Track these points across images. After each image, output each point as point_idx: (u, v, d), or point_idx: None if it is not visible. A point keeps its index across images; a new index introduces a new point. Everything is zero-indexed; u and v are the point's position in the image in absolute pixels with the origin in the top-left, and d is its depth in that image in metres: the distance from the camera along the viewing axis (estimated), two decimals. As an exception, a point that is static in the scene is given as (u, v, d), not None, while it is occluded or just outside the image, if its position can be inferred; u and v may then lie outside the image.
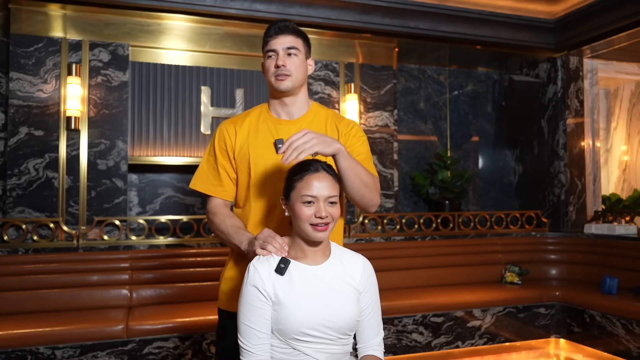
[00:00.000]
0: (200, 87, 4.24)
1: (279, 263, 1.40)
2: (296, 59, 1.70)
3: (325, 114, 1.79)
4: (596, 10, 4.45)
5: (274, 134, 1.71)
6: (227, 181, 1.75)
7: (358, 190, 1.58)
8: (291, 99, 1.74)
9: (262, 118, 1.76)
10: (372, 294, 1.50)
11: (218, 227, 1.70)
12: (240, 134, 1.73)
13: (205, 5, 3.92)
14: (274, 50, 1.69)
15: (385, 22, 4.39)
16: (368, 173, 1.63)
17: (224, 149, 1.74)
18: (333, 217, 1.40)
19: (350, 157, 1.53)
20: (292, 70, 1.68)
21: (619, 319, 3.51)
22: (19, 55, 3.75)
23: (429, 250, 4.35)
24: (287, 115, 1.76)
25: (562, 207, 4.99)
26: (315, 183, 1.39)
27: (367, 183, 1.60)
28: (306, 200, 1.38)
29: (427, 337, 3.67)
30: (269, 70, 1.71)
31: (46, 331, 2.91)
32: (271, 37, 1.70)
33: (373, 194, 1.64)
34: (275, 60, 1.69)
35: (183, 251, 3.74)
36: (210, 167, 1.77)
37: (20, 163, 3.72)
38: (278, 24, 1.71)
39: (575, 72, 5.05)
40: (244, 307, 1.39)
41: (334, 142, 1.48)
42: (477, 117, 5.64)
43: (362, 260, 1.52)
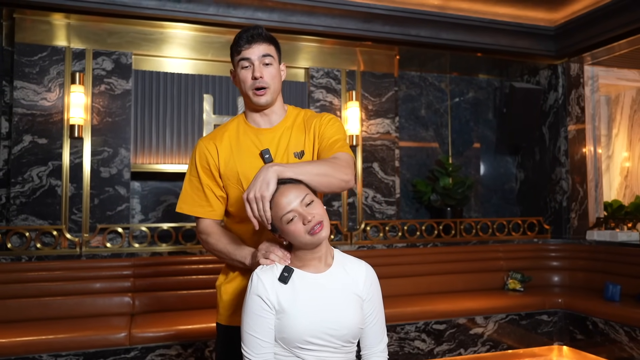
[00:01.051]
0: (202, 95, 4.27)
1: (282, 272, 1.41)
2: (272, 69, 1.66)
3: (303, 115, 1.76)
4: (596, 18, 4.47)
5: (257, 144, 1.68)
6: (215, 200, 1.70)
7: (319, 184, 1.47)
8: (270, 109, 1.71)
9: (241, 130, 1.72)
10: (376, 301, 1.50)
11: (215, 247, 1.68)
12: (223, 151, 1.68)
13: (207, 14, 3.95)
14: (248, 59, 1.63)
15: (386, 30, 4.41)
16: (319, 164, 1.52)
17: (206, 168, 1.69)
18: (320, 212, 1.39)
19: (290, 166, 1.44)
20: (269, 81, 1.64)
21: (621, 325, 3.51)
22: (23, 64, 3.78)
23: (430, 257, 4.35)
24: (266, 123, 1.72)
25: (564, 214, 4.99)
26: (283, 200, 1.37)
27: (324, 172, 1.49)
28: (288, 218, 1.37)
29: (429, 345, 3.66)
30: (245, 82, 1.65)
31: (49, 339, 2.92)
32: (244, 47, 1.63)
33: (337, 176, 1.51)
34: (252, 72, 1.63)
35: (185, 258, 3.75)
36: (194, 188, 1.71)
37: (24, 171, 3.74)
38: (250, 31, 1.65)
39: (576, 79, 5.07)
40: (248, 317, 1.40)
41: (267, 173, 1.39)
42: (479, 124, 5.66)
43: (365, 267, 1.52)
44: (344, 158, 1.57)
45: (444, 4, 4.42)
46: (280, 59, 1.73)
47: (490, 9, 4.54)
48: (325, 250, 1.45)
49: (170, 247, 3.79)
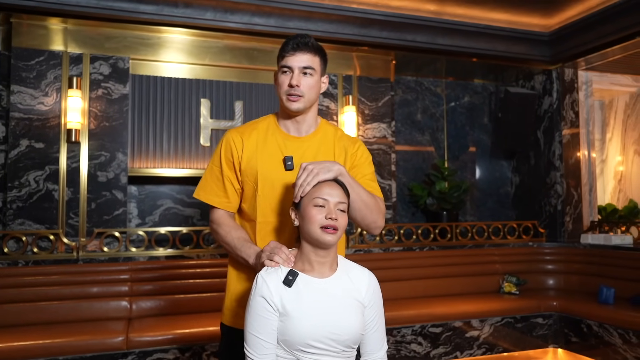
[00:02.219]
0: (199, 99, 4.28)
1: (287, 275, 1.42)
2: (311, 79, 1.66)
3: (333, 133, 1.78)
4: (590, 24, 4.52)
5: (283, 149, 1.70)
6: (232, 193, 1.73)
7: (359, 210, 1.59)
8: (301, 117, 1.72)
9: (270, 131, 1.73)
10: (377, 308, 1.52)
11: (224, 239, 1.70)
12: (248, 147, 1.70)
13: (205, 19, 3.98)
14: (289, 67, 1.65)
15: (382, 36, 4.45)
16: (370, 194, 1.63)
17: (230, 160, 1.71)
18: (341, 222, 1.43)
19: (350, 178, 1.55)
20: (305, 91, 1.65)
21: (616, 328, 3.54)
22: (20, 68, 3.79)
23: (427, 260, 4.37)
24: (296, 132, 1.73)
25: (559, 218, 5.03)
26: (327, 189, 1.45)
27: (368, 204, 1.61)
28: (318, 203, 1.42)
29: (425, 348, 3.68)
30: (281, 87, 1.66)
31: (46, 343, 2.91)
32: (288, 53, 1.65)
33: (375, 215, 1.65)
34: (290, 79, 1.64)
35: (182, 262, 3.76)
36: (215, 178, 1.74)
37: (20, 175, 3.74)
38: (297, 39, 1.66)
39: (570, 84, 5.11)
40: (251, 317, 1.41)
41: (333, 166, 1.50)
42: (474, 128, 5.69)
43: (368, 274, 1.54)
44: (383, 205, 1.71)
45: (440, 10, 4.46)
46: (324, 71, 1.73)
47: (486, 15, 4.58)
48: (332, 257, 1.48)
49: (167, 251, 3.79)
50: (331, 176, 1.48)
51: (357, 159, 1.76)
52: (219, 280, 3.67)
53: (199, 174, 4.21)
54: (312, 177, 1.46)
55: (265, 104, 4.46)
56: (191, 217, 4.48)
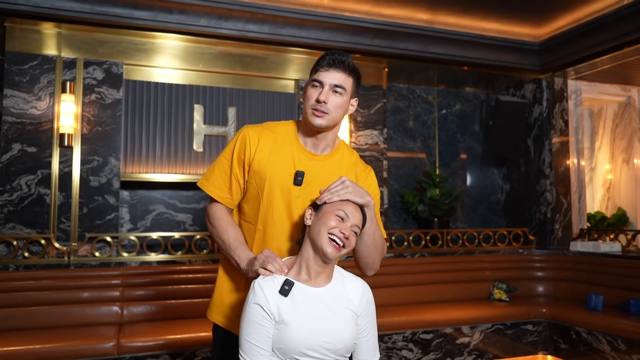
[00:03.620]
0: (193, 105, 4.29)
1: (283, 285, 1.44)
2: (339, 99, 1.62)
3: (349, 157, 1.76)
4: (580, 34, 4.59)
5: (296, 162, 1.67)
6: (236, 190, 1.71)
7: (367, 247, 1.62)
8: (322, 134, 1.69)
9: (288, 140, 1.70)
10: (370, 317, 1.55)
11: (219, 235, 1.68)
12: (262, 149, 1.66)
13: (199, 26, 4.00)
14: (320, 82, 1.61)
15: (375, 43, 4.49)
16: (381, 237, 1.67)
17: (241, 158, 1.68)
18: (349, 243, 1.46)
19: (373, 214, 1.58)
20: (331, 109, 1.61)
21: (604, 335, 3.57)
22: (13, 72, 3.78)
23: (418, 267, 4.40)
24: (313, 148, 1.70)
25: (549, 225, 5.08)
26: (351, 208, 1.49)
27: (377, 244, 1.64)
28: (339, 214, 1.46)
29: (416, 354, 3.70)
30: (308, 100, 1.63)
31: (36, 348, 2.90)
32: (322, 68, 1.62)
33: (377, 257, 1.67)
34: (318, 93, 1.61)
35: (174, 268, 3.76)
36: (222, 172, 1.71)
37: (12, 179, 3.73)
38: (335, 56, 1.62)
39: (560, 93, 5.18)
40: (248, 324, 1.42)
41: (366, 196, 1.53)
42: (465, 135, 5.74)
43: (362, 284, 1.56)
44: (384, 250, 1.73)
45: (432, 19, 4.51)
46: (356, 93, 1.70)
47: (477, 24, 4.64)
48: (330, 269, 1.52)
49: (159, 256, 3.79)
50: (361, 202, 1.52)
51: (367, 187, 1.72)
52: (211, 285, 3.63)
53: (191, 179, 4.21)
54: (345, 192, 1.50)
55: (259, 110, 4.48)
56: (183, 222, 4.48)
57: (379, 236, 1.64)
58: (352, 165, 1.76)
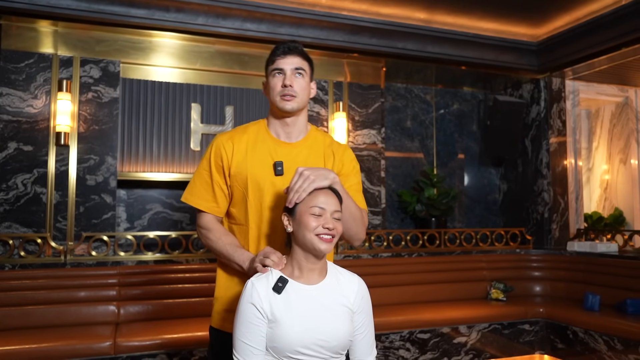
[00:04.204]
0: (190, 104, 4.28)
1: (276, 282, 1.43)
2: (302, 81, 1.70)
3: (323, 139, 1.80)
4: (577, 34, 4.59)
5: (273, 155, 1.70)
6: (221, 198, 1.73)
7: (346, 221, 1.58)
8: (293, 119, 1.74)
9: (260, 137, 1.74)
10: (366, 314, 1.53)
11: (214, 245, 1.69)
12: (238, 152, 1.70)
13: (196, 24, 3.98)
14: (281, 70, 1.68)
15: (373, 43, 4.48)
16: (357, 207, 1.66)
17: (219, 165, 1.71)
18: (337, 231, 1.44)
19: (342, 188, 1.55)
20: (298, 91, 1.68)
21: (601, 335, 3.58)
22: (9, 70, 3.77)
23: (415, 267, 4.40)
24: (286, 137, 1.75)
25: (546, 225, 5.08)
26: (323, 197, 1.45)
27: (355, 216, 1.64)
28: (315, 212, 1.42)
29: (413, 354, 3.70)
30: (274, 89, 1.69)
31: (32, 348, 2.89)
32: (279, 56, 1.69)
33: (359, 228, 1.67)
34: (283, 80, 1.68)
35: (171, 267, 3.75)
36: (204, 182, 1.74)
37: (8, 178, 3.71)
38: (287, 44, 1.71)
39: (558, 93, 5.18)
40: (241, 324, 1.41)
41: (329, 174, 1.50)
42: (463, 135, 5.74)
43: (358, 280, 1.55)
44: (367, 218, 1.74)
45: (430, 18, 4.50)
46: (312, 77, 1.77)
47: (475, 24, 4.64)
48: (322, 264, 1.49)
49: (156, 255, 3.78)
50: (327, 184, 1.48)
51: (345, 167, 1.77)
52: (208, 285, 3.66)
53: (189, 178, 4.19)
54: (309, 183, 1.45)
55: (256, 109, 4.47)
56: (180, 221, 4.46)
57: (354, 208, 1.64)
58: (328, 145, 1.79)
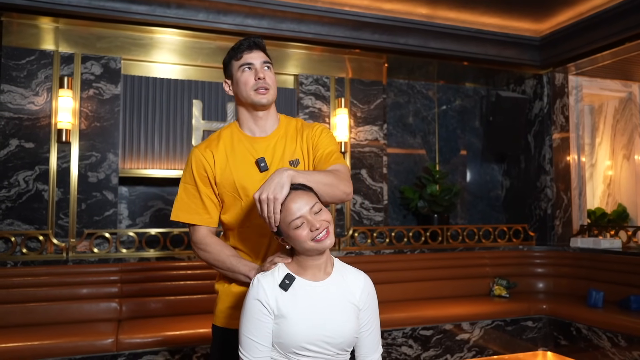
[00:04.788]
0: (192, 100, 4.27)
1: (283, 279, 1.42)
2: (271, 74, 1.73)
3: (295, 124, 1.80)
4: (580, 29, 4.56)
5: (253, 152, 1.70)
6: (212, 208, 1.71)
7: (324, 193, 1.51)
8: (265, 113, 1.74)
9: (236, 138, 1.73)
10: (372, 311, 1.52)
11: (216, 258, 1.67)
12: (219, 159, 1.69)
13: (197, 20, 3.97)
14: (251, 64, 1.69)
15: (374, 38, 4.46)
16: (326, 174, 1.56)
17: (204, 176, 1.69)
18: (327, 221, 1.42)
19: (302, 173, 1.48)
20: (270, 83, 1.70)
21: (604, 331, 3.57)
22: (10, 67, 3.76)
23: (418, 263, 4.39)
24: (261, 132, 1.74)
25: (549, 221, 5.06)
26: (294, 205, 1.39)
27: (330, 183, 1.54)
28: (296, 224, 1.39)
29: (416, 351, 3.69)
30: (246, 84, 1.68)
31: (34, 345, 2.88)
32: (245, 52, 1.70)
33: (340, 187, 1.56)
34: (255, 74, 1.69)
35: (173, 264, 3.74)
36: (191, 196, 1.70)
37: (10, 175, 3.70)
38: (252, 40, 1.72)
39: (561, 89, 5.16)
40: (247, 320, 1.41)
41: (282, 177, 1.41)
42: (465, 131, 5.72)
43: (364, 277, 1.54)
44: (344, 171, 1.64)
45: (432, 14, 4.48)
46: None
47: (477, 19, 4.62)
48: (325, 258, 1.47)
49: (158, 252, 3.77)
50: (287, 189, 1.41)
51: (316, 138, 1.74)
52: (210, 282, 3.66)
53: (190, 175, 4.19)
54: (273, 204, 1.39)
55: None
56: (182, 218, 4.45)
57: (325, 177, 1.53)
58: (300, 129, 1.79)
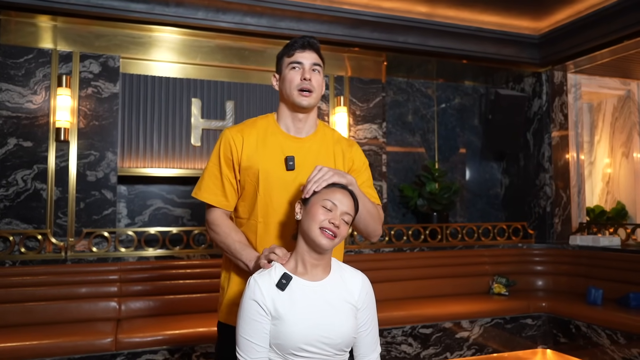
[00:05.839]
0: (190, 99, 4.26)
1: (280, 278, 1.41)
2: (319, 77, 1.69)
3: (331, 135, 1.79)
4: (579, 27, 4.56)
5: (284, 149, 1.68)
6: (231, 192, 1.71)
7: (364, 219, 1.63)
8: (305, 116, 1.72)
9: (270, 131, 1.71)
10: (370, 311, 1.52)
11: (223, 241, 1.67)
12: (248, 145, 1.68)
13: (196, 19, 3.95)
14: (300, 63, 1.66)
15: (374, 37, 4.45)
16: (372, 204, 1.68)
17: (229, 159, 1.69)
18: (341, 232, 1.43)
19: (358, 190, 1.56)
20: (315, 86, 1.67)
21: (604, 329, 3.57)
22: (8, 66, 3.74)
23: (417, 261, 4.38)
24: (296, 132, 1.73)
25: (548, 219, 5.06)
26: (339, 195, 1.44)
27: (372, 214, 1.66)
28: (326, 205, 1.42)
29: (416, 349, 3.69)
30: (291, 82, 1.66)
31: (33, 344, 2.88)
32: (298, 50, 1.67)
33: (377, 224, 1.69)
34: (302, 73, 1.66)
35: (172, 263, 3.73)
36: (213, 177, 1.71)
37: (8, 174, 3.69)
38: (307, 39, 1.70)
39: (560, 87, 5.16)
40: (243, 321, 1.40)
41: (347, 175, 1.52)
42: (464, 129, 5.72)
43: (362, 277, 1.53)
44: (382, 213, 1.76)
45: (431, 12, 4.47)
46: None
47: (476, 17, 4.61)
48: (327, 261, 1.48)
49: (157, 251, 3.76)
50: (344, 182, 1.49)
51: (356, 164, 1.77)
52: (209, 280, 3.66)
53: (189, 174, 4.19)
54: (329, 176, 1.47)
55: (257, 104, 4.45)
56: (181, 217, 4.45)
57: (370, 206, 1.66)
58: (337, 141, 1.78)
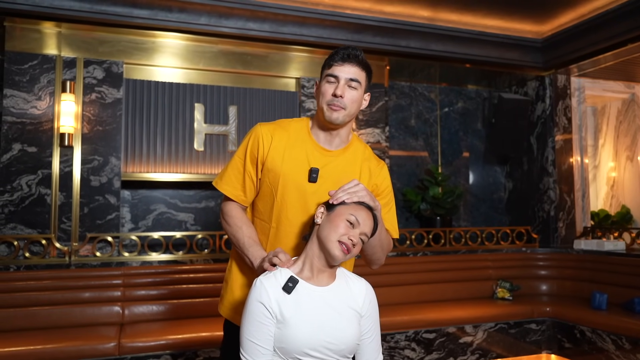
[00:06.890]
0: (193, 104, 4.27)
1: (287, 281, 1.41)
2: (355, 93, 1.63)
3: (362, 151, 1.76)
4: (583, 31, 4.55)
5: (310, 159, 1.66)
6: (250, 188, 1.70)
7: (373, 247, 1.63)
8: (337, 130, 1.69)
9: (301, 137, 1.69)
10: (373, 318, 1.53)
11: (233, 233, 1.68)
12: (276, 147, 1.66)
13: (199, 24, 3.98)
14: (335, 77, 1.62)
15: (376, 41, 4.46)
16: (388, 237, 1.70)
17: (254, 155, 1.68)
18: (356, 250, 1.45)
19: (380, 218, 1.57)
20: (347, 103, 1.62)
21: (608, 334, 3.55)
22: (13, 72, 3.77)
23: (420, 266, 4.37)
24: (327, 144, 1.70)
25: (552, 223, 5.05)
26: (364, 214, 1.46)
27: (383, 245, 1.67)
28: (351, 219, 1.43)
29: (419, 354, 3.68)
30: (324, 95, 1.63)
31: (37, 349, 2.89)
32: (337, 62, 1.62)
33: (383, 255, 1.71)
34: (334, 88, 1.61)
35: (176, 268, 3.74)
36: (235, 170, 1.71)
37: (12, 179, 3.71)
38: (348, 50, 1.63)
39: (563, 90, 5.15)
40: (248, 323, 1.40)
41: (377, 201, 1.53)
42: (468, 133, 5.71)
43: (366, 284, 1.54)
44: (391, 246, 1.76)
45: (434, 16, 4.48)
46: (368, 88, 1.70)
47: (479, 21, 4.61)
48: (334, 268, 1.51)
49: (160, 256, 3.77)
50: (372, 205, 1.50)
51: (380, 188, 1.75)
52: (213, 285, 3.66)
53: (192, 178, 4.20)
54: (362, 194, 1.48)
55: (259, 108, 4.46)
56: (185, 222, 4.46)
57: (384, 236, 1.66)
58: (366, 159, 1.75)
